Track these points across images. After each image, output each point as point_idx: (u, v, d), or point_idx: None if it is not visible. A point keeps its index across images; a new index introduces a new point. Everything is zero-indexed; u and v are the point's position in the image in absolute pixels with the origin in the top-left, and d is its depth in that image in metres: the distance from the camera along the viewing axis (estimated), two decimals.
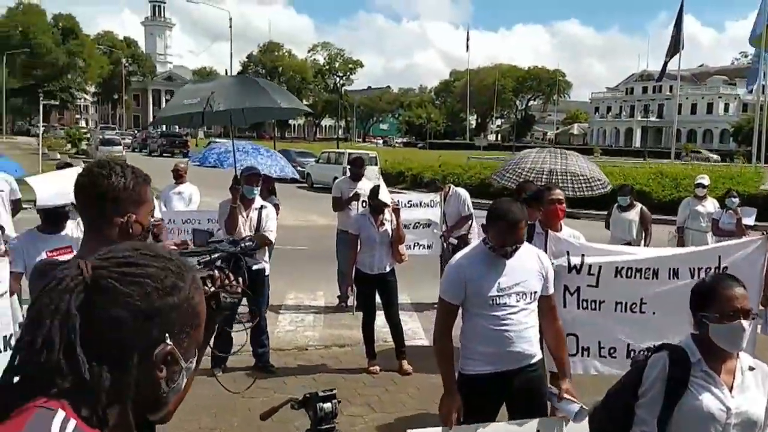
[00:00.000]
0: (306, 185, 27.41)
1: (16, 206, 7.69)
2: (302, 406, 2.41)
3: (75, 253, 4.15)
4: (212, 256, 1.88)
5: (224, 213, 6.18)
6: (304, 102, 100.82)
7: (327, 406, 2.35)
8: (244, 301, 2.40)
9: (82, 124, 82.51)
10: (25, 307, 5.13)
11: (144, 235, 2.06)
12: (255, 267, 5.94)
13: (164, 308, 1.04)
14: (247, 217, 6.19)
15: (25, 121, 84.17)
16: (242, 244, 2.33)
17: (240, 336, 5.65)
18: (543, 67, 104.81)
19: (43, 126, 35.52)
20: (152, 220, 2.30)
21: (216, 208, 6.65)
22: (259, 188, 6.36)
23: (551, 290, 3.56)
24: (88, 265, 1.03)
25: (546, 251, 4.03)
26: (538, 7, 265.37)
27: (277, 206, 7.38)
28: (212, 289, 1.48)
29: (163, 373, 1.05)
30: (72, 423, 0.96)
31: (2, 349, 4.23)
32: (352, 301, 8.37)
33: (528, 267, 3.44)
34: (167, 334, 1.04)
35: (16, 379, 0.99)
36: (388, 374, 6.32)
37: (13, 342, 4.30)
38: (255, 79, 7.54)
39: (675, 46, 39.04)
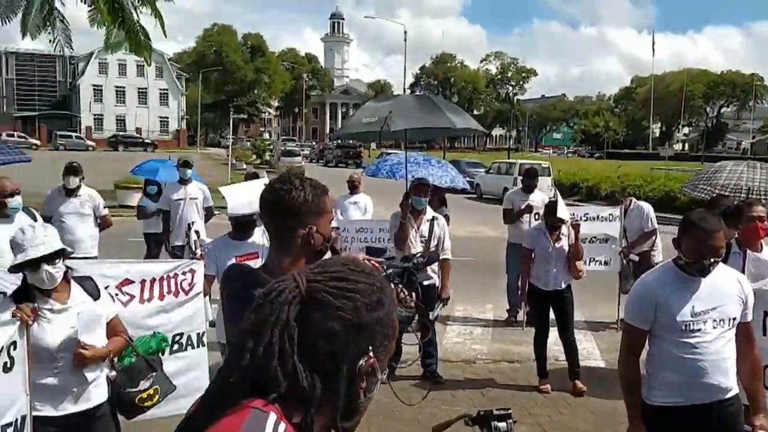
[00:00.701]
0: (475, 195, 27.30)
1: (208, 213, 8.38)
2: (476, 423, 2.34)
3: (261, 259, 4.41)
4: (387, 272, 1.89)
5: (394, 226, 6.26)
6: (475, 112, 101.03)
7: (502, 425, 2.26)
8: None
9: (266, 136, 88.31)
10: (215, 307, 5.55)
11: (325, 245, 2.11)
12: (426, 282, 5.94)
13: (371, 322, 1.10)
14: (418, 228, 6.23)
15: (217, 134, 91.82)
16: (414, 260, 2.33)
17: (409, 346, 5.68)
18: (737, 71, 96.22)
19: (231, 138, 38.54)
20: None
21: (388, 218, 6.77)
22: (427, 198, 6.38)
23: (750, 317, 3.19)
24: (303, 279, 1.11)
25: (744, 273, 3.64)
26: (730, 8, 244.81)
27: (447, 217, 7.37)
28: None
29: (364, 384, 1.12)
30: (282, 426, 1.03)
31: (196, 345, 4.60)
32: (522, 315, 8.19)
33: (726, 290, 3.10)
34: (371, 347, 1.10)
35: (234, 379, 1.08)
36: (560, 394, 6.07)
37: (205, 339, 4.66)
38: (431, 97, 7.63)
39: None
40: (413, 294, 2.02)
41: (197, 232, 5.44)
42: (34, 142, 59.58)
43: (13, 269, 3.15)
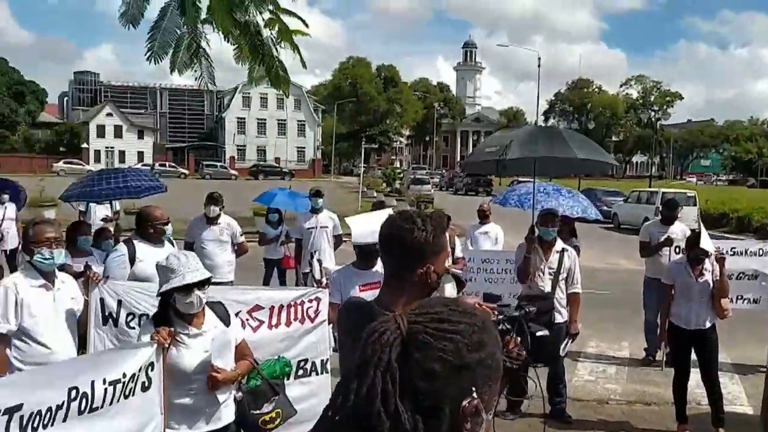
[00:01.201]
0: (612, 225, 26.15)
1: (338, 240, 8.60)
2: None
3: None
4: (498, 317, 1.91)
5: (518, 259, 6.09)
6: (614, 138, 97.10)
7: None
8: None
9: (397, 164, 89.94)
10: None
11: (438, 283, 2.10)
12: (539, 333, 5.71)
13: (472, 363, 1.10)
14: (547, 260, 6.02)
15: (349, 163, 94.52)
16: (526, 309, 2.25)
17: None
18: None
19: (363, 167, 39.52)
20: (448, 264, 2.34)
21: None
22: (556, 229, 6.16)
23: None
24: (404, 320, 1.11)
25: None
26: None
27: (577, 248, 7.09)
28: None
29: (468, 425, 1.10)
30: None
31: (320, 372, 4.68)
32: (661, 355, 7.67)
33: None
34: (474, 388, 1.10)
35: (338, 418, 1.11)
36: None
37: (329, 366, 4.73)
38: (561, 130, 7.37)
39: None
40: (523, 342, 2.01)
41: (319, 261, 5.57)
42: (183, 171, 64.46)
43: (165, 293, 3.32)
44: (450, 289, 7.19)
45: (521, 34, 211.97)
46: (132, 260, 5.07)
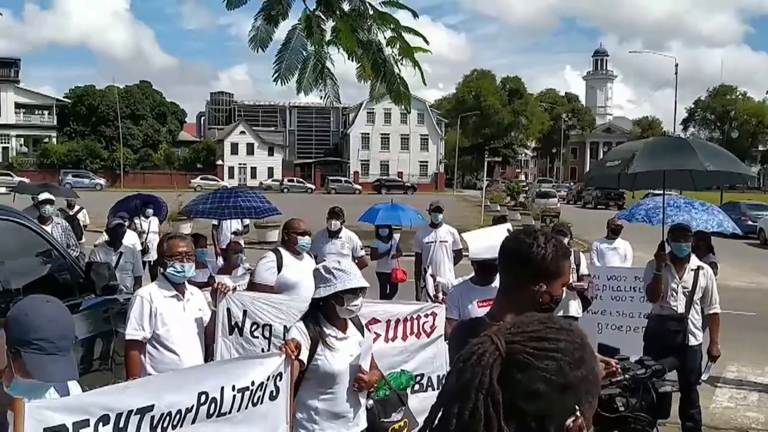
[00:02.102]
0: (758, 241, 24.26)
1: (458, 255, 8.56)
2: None
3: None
4: (623, 376, 1.93)
5: (648, 277, 5.76)
6: (760, 147, 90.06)
7: None
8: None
9: (522, 177, 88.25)
10: None
11: (551, 306, 2.09)
12: (662, 390, 5.37)
13: (576, 381, 1.08)
14: (681, 278, 5.65)
15: (472, 176, 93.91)
16: (654, 367, 2.13)
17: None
18: None
19: (486, 180, 39.10)
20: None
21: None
22: (689, 245, 5.76)
23: None
24: (501, 340, 1.10)
25: None
26: None
27: (714, 265, 6.63)
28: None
29: None
30: None
31: (436, 387, 4.66)
32: None
33: None
34: (577, 406, 1.08)
35: None
36: None
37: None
38: (690, 140, 6.84)
39: None
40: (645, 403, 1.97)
41: (433, 276, 5.57)
42: (310, 186, 66.98)
43: (320, 298, 3.48)
44: (575, 307, 6.96)
45: (656, 40, 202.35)
46: (279, 267, 5.41)
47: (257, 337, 4.46)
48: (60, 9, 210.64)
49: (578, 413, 1.08)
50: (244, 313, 4.48)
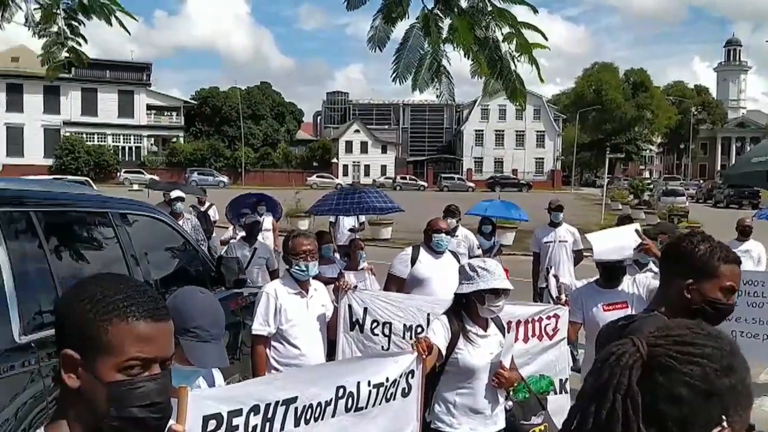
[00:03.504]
0: None
1: (578, 256, 8.30)
2: None
3: (630, 309, 4.18)
4: None
5: None
6: None
7: None
8: None
9: (646, 174, 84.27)
10: (581, 352, 5.42)
11: (704, 308, 2.08)
12: None
13: (722, 389, 1.04)
14: None
15: (591, 173, 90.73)
16: None
17: None
18: None
19: (607, 177, 37.61)
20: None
21: None
22: None
23: None
24: (643, 343, 1.08)
25: None
26: None
27: None
28: None
29: None
30: None
31: (558, 392, 4.54)
32: None
33: None
34: (724, 416, 1.04)
35: None
36: None
37: (568, 386, 4.57)
38: None
39: None
40: None
41: (556, 276, 5.41)
42: (422, 183, 67.21)
43: (462, 295, 3.54)
44: None
45: None
46: (413, 261, 5.53)
47: (377, 335, 4.53)
48: (186, 15, 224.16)
49: (725, 424, 1.04)
50: (365, 310, 4.56)
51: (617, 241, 4.36)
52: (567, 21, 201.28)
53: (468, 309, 3.56)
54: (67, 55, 6.47)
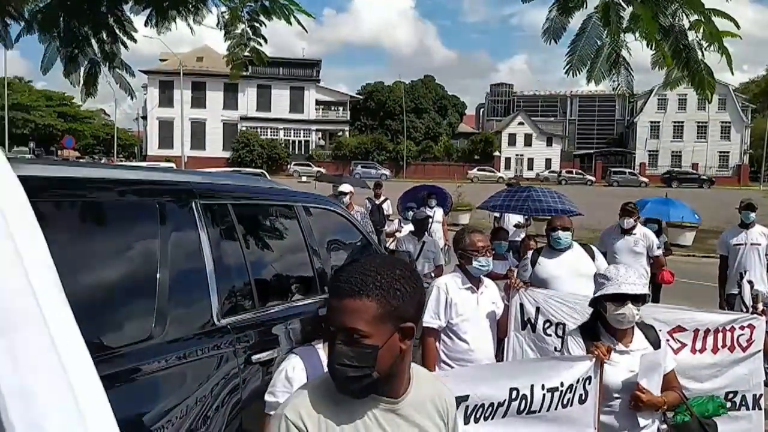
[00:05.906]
0: None
1: None
2: None
3: None
4: None
5: None
6: None
7: None
8: None
9: None
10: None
11: None
12: None
13: None
14: None
15: None
16: None
17: None
18: None
19: None
20: None
21: None
22: None
23: None
24: None
25: None
26: None
27: None
28: None
29: None
30: None
31: (751, 407, 4.18)
32: None
33: None
34: None
35: None
36: None
37: (762, 403, 4.19)
38: None
39: None
40: None
41: (750, 282, 4.96)
42: (590, 178, 64.42)
43: (597, 302, 3.32)
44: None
45: None
46: (533, 264, 5.48)
47: (550, 336, 4.42)
48: (353, 12, 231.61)
49: None
50: (537, 309, 4.47)
51: None
52: (755, 2, 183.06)
53: (603, 320, 3.31)
54: (249, 54, 6.87)
